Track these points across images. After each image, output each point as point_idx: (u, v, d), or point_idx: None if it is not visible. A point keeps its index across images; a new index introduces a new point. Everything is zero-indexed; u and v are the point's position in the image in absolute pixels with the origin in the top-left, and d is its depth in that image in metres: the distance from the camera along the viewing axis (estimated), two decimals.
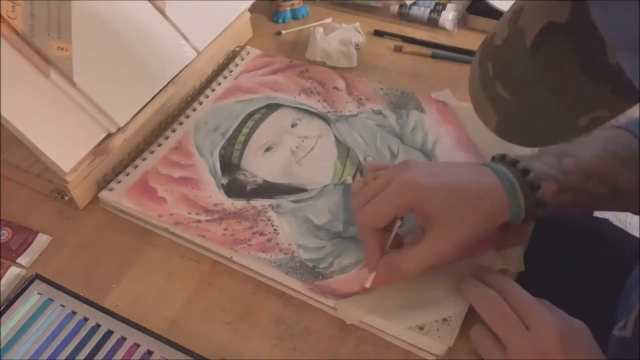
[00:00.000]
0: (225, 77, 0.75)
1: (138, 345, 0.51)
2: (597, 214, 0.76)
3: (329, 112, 0.70)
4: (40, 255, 0.59)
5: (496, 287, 0.48)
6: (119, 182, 0.63)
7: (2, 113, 0.55)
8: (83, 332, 0.52)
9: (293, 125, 0.68)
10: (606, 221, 0.77)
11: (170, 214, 0.60)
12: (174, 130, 0.68)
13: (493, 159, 0.56)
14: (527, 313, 0.45)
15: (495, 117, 0.42)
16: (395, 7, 0.83)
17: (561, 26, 0.35)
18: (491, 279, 0.49)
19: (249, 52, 0.78)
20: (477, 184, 0.50)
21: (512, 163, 0.53)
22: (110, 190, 0.62)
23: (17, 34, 0.57)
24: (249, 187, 0.62)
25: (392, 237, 0.51)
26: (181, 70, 0.70)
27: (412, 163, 0.51)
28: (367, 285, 0.51)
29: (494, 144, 0.58)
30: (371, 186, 0.52)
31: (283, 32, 0.82)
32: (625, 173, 0.54)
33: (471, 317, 0.51)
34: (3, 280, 0.56)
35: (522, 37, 0.37)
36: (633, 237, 0.73)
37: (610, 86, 0.35)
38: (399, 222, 0.51)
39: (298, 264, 0.55)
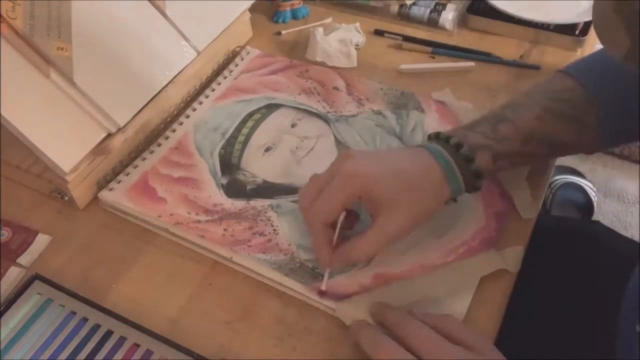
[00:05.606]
0: (225, 77, 0.75)
1: (138, 346, 0.51)
2: (595, 216, 0.76)
3: (328, 112, 0.70)
4: (40, 255, 0.59)
5: (396, 327, 0.47)
6: (119, 182, 0.63)
7: (2, 113, 0.55)
8: (83, 332, 0.52)
9: (293, 125, 0.68)
10: (598, 223, 0.78)
11: (170, 214, 0.60)
12: (174, 130, 0.68)
13: (429, 137, 0.56)
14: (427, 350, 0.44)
15: (629, 43, 0.38)
16: (395, 7, 0.83)
17: None
18: (390, 317, 0.49)
19: (248, 52, 0.78)
20: (416, 165, 0.52)
21: (446, 139, 0.53)
22: (110, 190, 0.62)
23: (17, 34, 0.57)
24: (248, 187, 0.62)
25: (338, 230, 0.52)
26: (181, 70, 0.69)
27: (353, 152, 0.52)
28: (323, 287, 0.52)
29: None
30: (316, 181, 0.53)
31: (283, 32, 0.82)
32: (565, 129, 0.56)
33: (471, 317, 0.51)
34: (3, 280, 0.56)
35: None
36: (628, 238, 0.74)
37: None
38: (343, 214, 0.52)
39: (298, 264, 0.55)
